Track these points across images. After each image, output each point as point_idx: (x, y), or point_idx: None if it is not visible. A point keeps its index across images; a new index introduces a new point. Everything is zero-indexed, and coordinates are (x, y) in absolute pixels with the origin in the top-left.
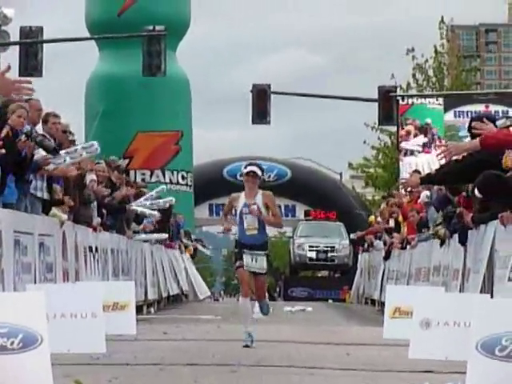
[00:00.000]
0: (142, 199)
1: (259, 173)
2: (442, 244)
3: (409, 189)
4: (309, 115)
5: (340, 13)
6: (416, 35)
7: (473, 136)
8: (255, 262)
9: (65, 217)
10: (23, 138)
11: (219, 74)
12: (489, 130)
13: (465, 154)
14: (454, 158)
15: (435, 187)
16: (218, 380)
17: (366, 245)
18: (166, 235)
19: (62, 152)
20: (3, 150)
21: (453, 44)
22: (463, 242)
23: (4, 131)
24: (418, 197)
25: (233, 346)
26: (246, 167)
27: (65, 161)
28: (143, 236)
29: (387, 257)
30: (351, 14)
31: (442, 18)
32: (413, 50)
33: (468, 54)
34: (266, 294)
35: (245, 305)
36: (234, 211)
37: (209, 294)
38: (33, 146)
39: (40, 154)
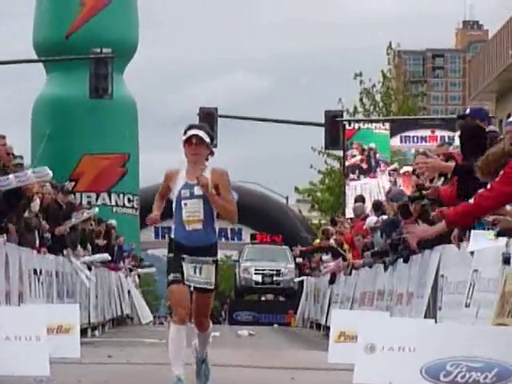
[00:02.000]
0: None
1: (206, 139)
2: (386, 269)
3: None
4: (256, 139)
5: (289, 38)
6: (364, 61)
7: None
8: (199, 272)
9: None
10: None
11: (167, 96)
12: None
13: None
14: None
15: (382, 216)
16: None
17: (311, 268)
18: (109, 257)
19: (11, 175)
20: None
21: (400, 69)
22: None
23: None
24: (363, 222)
25: None
26: (185, 132)
27: (10, 181)
28: (86, 258)
29: (332, 281)
30: (299, 39)
31: (390, 43)
32: (360, 74)
33: (415, 80)
34: (210, 324)
35: (178, 335)
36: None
37: (151, 318)
38: None
39: None
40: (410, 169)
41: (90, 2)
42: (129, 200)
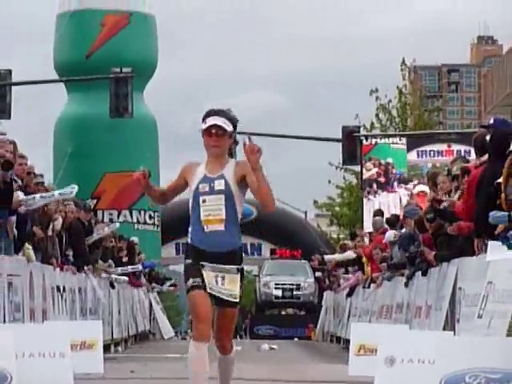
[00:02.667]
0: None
1: (228, 128)
2: (406, 285)
3: None
4: (274, 155)
5: (303, 54)
6: (379, 77)
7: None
8: (221, 283)
9: (33, 256)
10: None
11: (186, 114)
12: None
13: None
14: None
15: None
16: None
17: (330, 282)
18: (140, 266)
19: (38, 195)
20: None
21: (415, 84)
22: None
23: None
24: (382, 236)
25: None
26: (204, 119)
27: (36, 201)
28: (119, 270)
29: (350, 294)
30: (314, 55)
31: (404, 59)
32: (376, 90)
33: (430, 95)
34: (234, 347)
35: (199, 354)
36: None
37: (173, 334)
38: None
39: (17, 195)
40: (423, 188)
41: (109, 22)
42: (150, 217)
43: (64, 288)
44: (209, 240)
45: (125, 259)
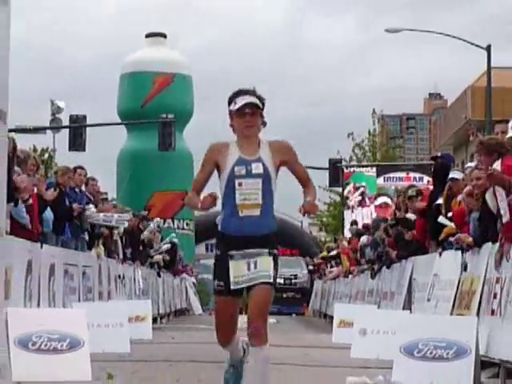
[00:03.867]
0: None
1: (261, 105)
2: (373, 277)
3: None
4: (278, 180)
5: (298, 104)
6: (356, 123)
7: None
8: (253, 268)
9: (102, 253)
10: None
11: None
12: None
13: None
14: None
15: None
16: (213, 373)
17: (319, 273)
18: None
19: (101, 214)
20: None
21: (383, 128)
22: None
23: (54, 192)
24: (357, 240)
25: None
26: (232, 99)
27: (99, 218)
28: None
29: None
30: (308, 105)
31: (374, 109)
32: (352, 133)
33: (394, 136)
34: (268, 339)
35: (226, 348)
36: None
37: (200, 311)
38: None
39: (90, 209)
40: (385, 199)
41: (159, 81)
42: (187, 224)
43: (124, 276)
44: (242, 225)
45: (170, 256)
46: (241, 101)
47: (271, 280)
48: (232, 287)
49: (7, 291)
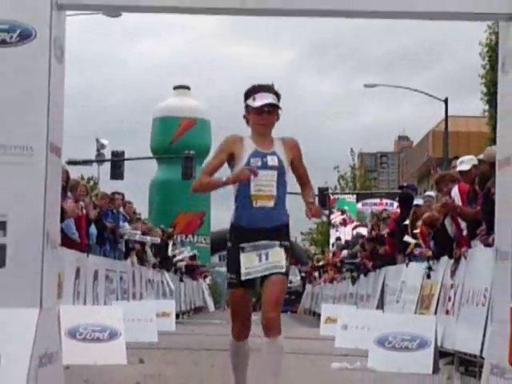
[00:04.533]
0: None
1: (279, 104)
2: (353, 282)
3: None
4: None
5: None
6: (340, 159)
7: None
8: (265, 259)
9: (135, 261)
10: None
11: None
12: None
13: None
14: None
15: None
16: (225, 359)
17: (309, 279)
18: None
19: (138, 235)
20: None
21: (361, 163)
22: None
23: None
24: (340, 253)
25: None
26: (250, 95)
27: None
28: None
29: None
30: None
31: (352, 148)
32: (338, 167)
33: (370, 170)
34: (281, 331)
35: (238, 351)
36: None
37: (213, 308)
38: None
39: (125, 226)
40: (360, 230)
41: (183, 124)
42: (204, 239)
43: (153, 280)
44: (255, 215)
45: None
46: (261, 98)
47: (284, 270)
48: (243, 278)
49: (60, 292)
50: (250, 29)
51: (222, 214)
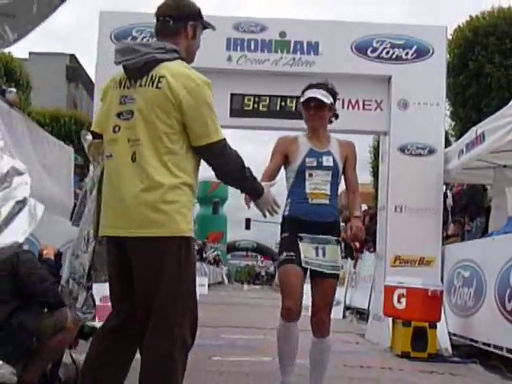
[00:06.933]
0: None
1: (328, 100)
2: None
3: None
4: (265, 226)
5: None
6: None
7: None
8: (322, 254)
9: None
10: None
11: (245, 211)
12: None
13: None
14: None
15: None
16: (241, 309)
17: None
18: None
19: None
20: None
21: None
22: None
23: None
24: None
25: (250, 311)
26: (305, 90)
27: None
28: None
29: None
30: None
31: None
32: None
33: None
34: (330, 332)
35: (286, 334)
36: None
37: (227, 283)
38: None
39: None
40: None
41: (213, 185)
42: (222, 246)
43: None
44: (313, 210)
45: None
46: (308, 94)
47: (339, 272)
48: (303, 264)
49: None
50: None
51: (231, 233)
